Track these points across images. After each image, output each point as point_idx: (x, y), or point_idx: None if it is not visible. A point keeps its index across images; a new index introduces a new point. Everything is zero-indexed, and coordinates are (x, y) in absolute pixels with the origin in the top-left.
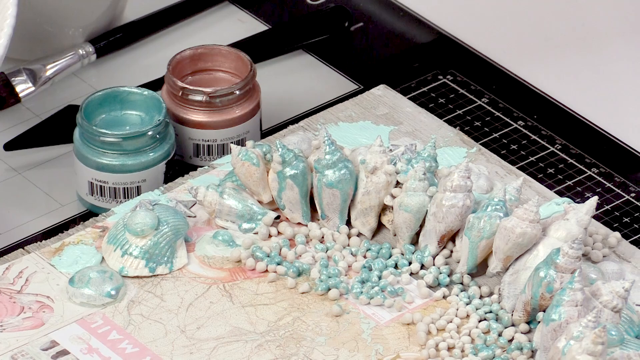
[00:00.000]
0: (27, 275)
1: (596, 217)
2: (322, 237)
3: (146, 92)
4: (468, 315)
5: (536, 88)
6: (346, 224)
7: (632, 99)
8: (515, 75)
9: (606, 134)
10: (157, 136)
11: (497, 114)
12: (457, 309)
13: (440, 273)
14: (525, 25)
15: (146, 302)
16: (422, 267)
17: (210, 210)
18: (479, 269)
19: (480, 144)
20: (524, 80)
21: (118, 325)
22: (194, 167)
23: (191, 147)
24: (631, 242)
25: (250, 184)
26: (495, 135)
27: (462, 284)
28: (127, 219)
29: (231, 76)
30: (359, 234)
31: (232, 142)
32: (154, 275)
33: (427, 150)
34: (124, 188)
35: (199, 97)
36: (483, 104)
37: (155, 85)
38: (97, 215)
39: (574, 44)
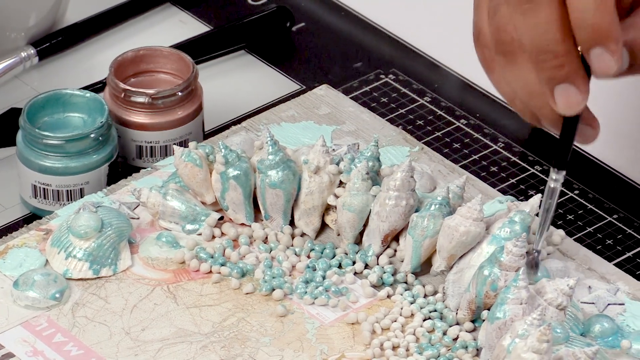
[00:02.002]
0: None
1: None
2: (266, 238)
3: (88, 94)
4: (412, 315)
5: (478, 86)
6: (290, 224)
7: None
8: (457, 73)
9: (547, 130)
10: (100, 138)
11: (440, 112)
12: (402, 308)
13: (384, 272)
14: (468, 24)
15: (90, 304)
16: (366, 266)
17: (153, 212)
18: (423, 267)
19: (423, 142)
20: (466, 79)
21: (63, 328)
22: (137, 169)
23: (134, 149)
24: (575, 240)
25: (194, 185)
26: (437, 134)
27: (406, 283)
28: (70, 221)
29: (173, 77)
30: (303, 234)
31: (174, 144)
32: (98, 277)
33: (370, 150)
34: (67, 190)
35: (141, 99)
36: (425, 103)
37: (97, 87)
38: (40, 218)
39: None
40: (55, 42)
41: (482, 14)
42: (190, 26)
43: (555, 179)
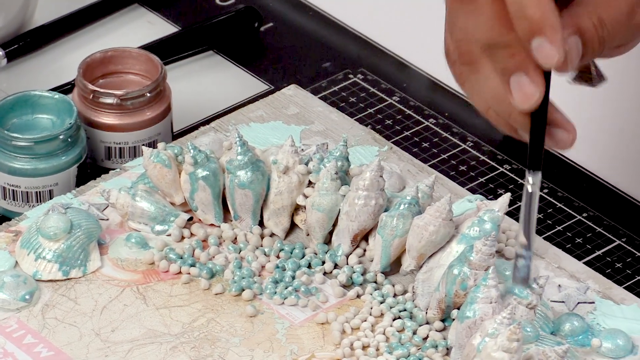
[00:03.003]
0: None
1: (509, 214)
2: (235, 238)
3: (57, 95)
4: (382, 314)
5: (447, 85)
6: (259, 225)
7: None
8: (426, 73)
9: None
10: (69, 139)
11: (409, 112)
12: (371, 308)
13: (354, 272)
14: (435, 23)
15: (60, 306)
16: (336, 266)
17: (122, 213)
18: (393, 267)
19: (392, 142)
20: (435, 78)
21: (33, 329)
22: (106, 170)
23: (103, 150)
24: (544, 238)
25: (163, 186)
26: (406, 133)
27: (375, 282)
28: (40, 222)
29: (142, 78)
30: (272, 234)
31: (143, 144)
32: (68, 279)
33: (339, 150)
34: (37, 192)
35: (109, 100)
36: (394, 102)
37: (66, 88)
38: (9, 219)
39: None
40: (23, 43)
41: (446, 31)
42: (159, 27)
43: (532, 183)
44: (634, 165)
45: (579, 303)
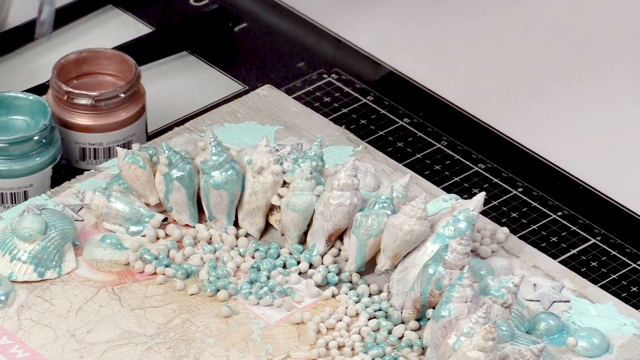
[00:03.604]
0: None
1: (484, 213)
2: (210, 239)
3: (31, 96)
4: (357, 314)
5: (421, 85)
6: (234, 225)
7: (514, 94)
8: (400, 72)
9: (491, 128)
10: (44, 140)
11: (383, 111)
12: (347, 308)
13: (329, 272)
14: (410, 21)
15: (36, 307)
16: (311, 266)
17: (97, 214)
18: (368, 267)
19: (367, 142)
20: (409, 77)
21: (8, 331)
22: (81, 171)
23: (77, 151)
24: (519, 237)
25: (137, 187)
26: (381, 133)
27: (351, 282)
28: (14, 224)
29: (116, 79)
30: (247, 235)
31: (118, 145)
32: (43, 280)
33: (314, 150)
34: (11, 193)
35: (84, 101)
36: (368, 102)
37: (40, 89)
38: None
39: (455, 38)
40: None
41: None
42: (133, 28)
43: None
44: (609, 163)
45: (554, 302)
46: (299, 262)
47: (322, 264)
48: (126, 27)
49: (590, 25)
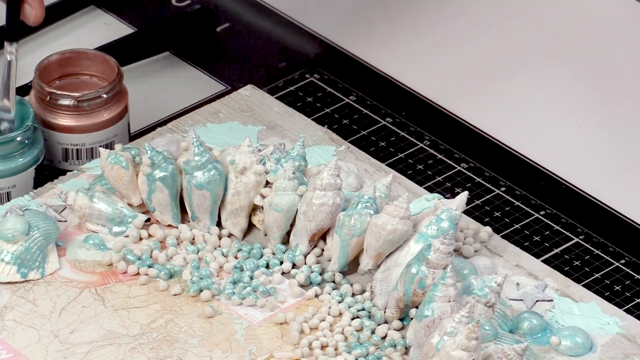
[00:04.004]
0: None
1: (467, 212)
2: (193, 239)
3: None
4: (341, 314)
5: (403, 84)
6: (217, 225)
7: (497, 93)
8: (382, 72)
9: (473, 128)
10: (26, 141)
11: (365, 111)
12: (330, 308)
13: (312, 272)
14: (390, 21)
15: (19, 308)
16: (294, 266)
17: (80, 215)
18: (351, 266)
19: (349, 141)
20: (391, 77)
21: None
22: (64, 172)
23: (60, 152)
24: (502, 237)
25: (120, 187)
26: (363, 132)
27: (334, 282)
28: None
29: (98, 80)
30: (230, 235)
31: (100, 146)
32: (26, 281)
33: (296, 150)
34: None
35: (66, 102)
36: (351, 102)
37: (23, 90)
38: None
39: (439, 38)
40: None
41: None
42: (115, 28)
43: (10, 52)
44: (592, 162)
45: (537, 301)
46: (281, 262)
47: (305, 264)
48: (108, 28)
49: (580, 25)
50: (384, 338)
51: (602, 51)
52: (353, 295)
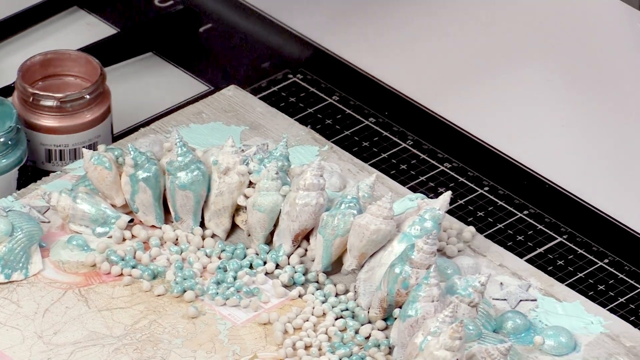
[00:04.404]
0: None
1: (450, 212)
2: (177, 239)
3: None
4: (324, 314)
5: (386, 84)
6: (200, 226)
7: (480, 93)
8: (365, 72)
9: (456, 128)
10: (9, 142)
11: (348, 111)
12: (314, 308)
13: (296, 272)
14: (373, 22)
15: (2, 309)
16: (277, 266)
17: (63, 215)
18: (334, 267)
19: (332, 141)
20: (374, 77)
21: None
22: (47, 173)
23: (43, 153)
24: (486, 236)
25: (103, 188)
26: (346, 132)
27: (317, 282)
28: None
29: (81, 81)
30: (213, 235)
31: (84, 147)
32: (10, 282)
33: (279, 150)
34: None
35: (49, 103)
36: (334, 102)
37: (5, 91)
38: None
39: (419, 36)
40: None
41: None
42: (98, 29)
43: None
44: (575, 162)
45: (521, 301)
46: (265, 263)
47: (289, 264)
48: (91, 29)
49: (563, 24)
50: (367, 338)
51: (585, 51)
52: (337, 295)
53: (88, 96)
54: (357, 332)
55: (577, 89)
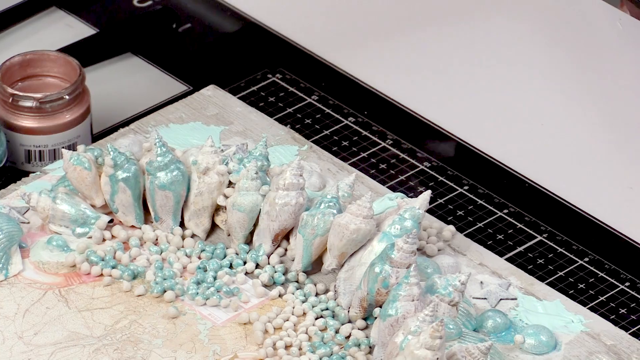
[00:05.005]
0: None
1: (430, 211)
2: (156, 239)
3: None
4: (304, 313)
5: (365, 84)
6: (180, 226)
7: (457, 91)
8: (344, 71)
9: (436, 127)
10: None
11: (328, 110)
12: (294, 307)
13: (276, 272)
14: (352, 21)
15: None
16: (257, 266)
17: (43, 216)
18: (314, 266)
19: (312, 141)
20: (353, 77)
21: None
22: (26, 173)
23: (23, 153)
24: (466, 235)
25: (83, 188)
26: (326, 132)
27: (297, 282)
28: None
29: (61, 81)
30: (193, 235)
31: (63, 147)
32: None
33: (259, 149)
34: None
35: (29, 103)
36: (313, 102)
37: None
38: None
39: (396, 37)
40: None
41: None
42: (77, 30)
43: None
44: (555, 161)
45: (501, 299)
46: (245, 262)
47: (269, 263)
48: (70, 29)
49: (543, 23)
50: (348, 337)
51: (566, 49)
52: (317, 294)
53: (67, 96)
54: (337, 331)
55: (556, 88)
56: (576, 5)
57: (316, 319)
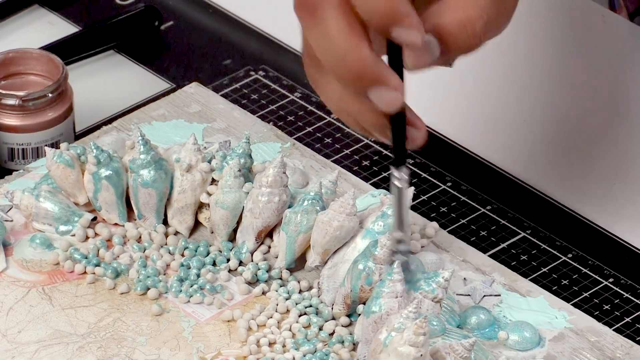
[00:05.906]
0: None
1: (413, 208)
2: (140, 237)
3: None
4: (288, 310)
5: None
6: (163, 223)
7: (439, 87)
8: None
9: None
10: None
11: (310, 108)
12: (277, 305)
13: (259, 269)
14: None
15: None
16: (241, 263)
17: (26, 214)
18: (298, 263)
19: (295, 138)
20: None
21: None
22: (9, 171)
23: (6, 152)
24: (449, 232)
25: (66, 186)
26: (309, 129)
27: (281, 279)
28: None
29: (43, 79)
30: (176, 233)
31: (46, 145)
32: None
33: (242, 147)
34: None
35: (11, 101)
36: (296, 99)
37: None
38: None
39: None
40: None
41: (301, 40)
42: (59, 27)
43: (400, 178)
44: (538, 157)
45: (484, 296)
46: (228, 260)
47: (252, 261)
48: (52, 27)
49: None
50: (331, 334)
51: (549, 46)
52: (300, 292)
53: (50, 94)
54: (321, 328)
55: (539, 83)
56: (561, 2)
57: (300, 316)
